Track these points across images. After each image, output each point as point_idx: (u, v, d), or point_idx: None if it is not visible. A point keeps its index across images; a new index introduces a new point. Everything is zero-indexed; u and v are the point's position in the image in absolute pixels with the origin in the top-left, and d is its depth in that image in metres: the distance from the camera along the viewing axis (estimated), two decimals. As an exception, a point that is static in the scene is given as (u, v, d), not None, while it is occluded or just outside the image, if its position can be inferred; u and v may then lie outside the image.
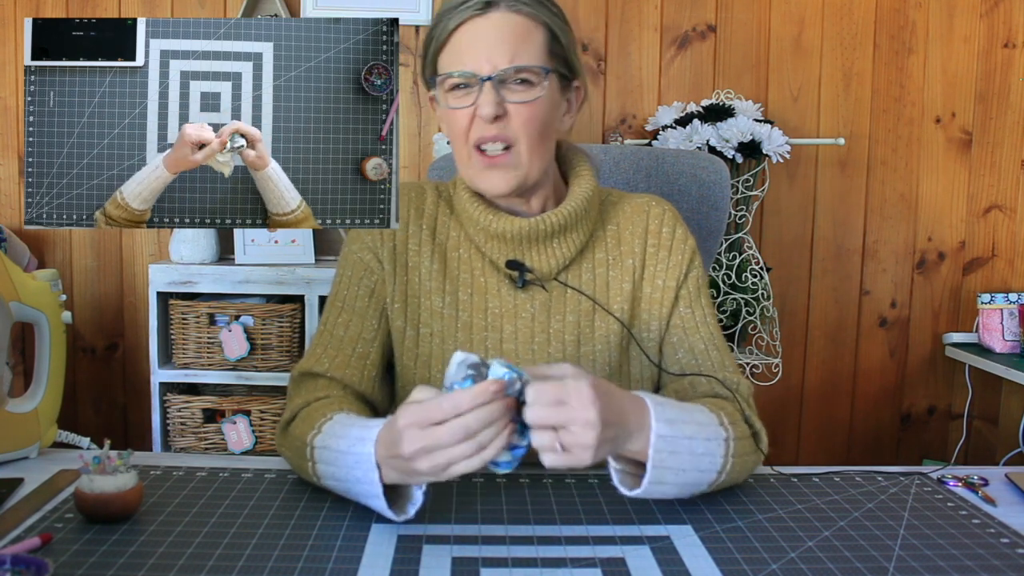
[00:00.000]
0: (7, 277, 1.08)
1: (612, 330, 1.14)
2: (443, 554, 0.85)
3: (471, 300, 1.14)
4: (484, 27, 1.05)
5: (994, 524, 0.95)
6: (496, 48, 1.05)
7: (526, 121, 1.07)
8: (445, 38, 1.07)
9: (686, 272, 1.17)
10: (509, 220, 1.11)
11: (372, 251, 1.15)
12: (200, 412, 2.29)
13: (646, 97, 2.56)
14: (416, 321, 1.14)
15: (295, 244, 2.36)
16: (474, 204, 1.13)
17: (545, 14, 1.08)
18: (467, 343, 1.13)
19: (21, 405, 1.11)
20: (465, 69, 1.05)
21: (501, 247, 1.13)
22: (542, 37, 1.08)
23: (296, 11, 2.47)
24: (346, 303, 1.14)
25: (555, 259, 1.13)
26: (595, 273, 1.16)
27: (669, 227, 1.18)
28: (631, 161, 1.49)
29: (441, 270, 1.15)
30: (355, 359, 1.11)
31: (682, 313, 1.16)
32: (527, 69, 1.06)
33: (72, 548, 0.83)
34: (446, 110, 1.09)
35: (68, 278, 2.57)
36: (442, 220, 1.18)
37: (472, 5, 1.05)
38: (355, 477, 0.91)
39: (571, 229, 1.13)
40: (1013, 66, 2.58)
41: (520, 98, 1.06)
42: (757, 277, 2.32)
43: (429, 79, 1.12)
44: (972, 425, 2.68)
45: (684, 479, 0.94)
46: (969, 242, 2.64)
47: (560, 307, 1.14)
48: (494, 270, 1.15)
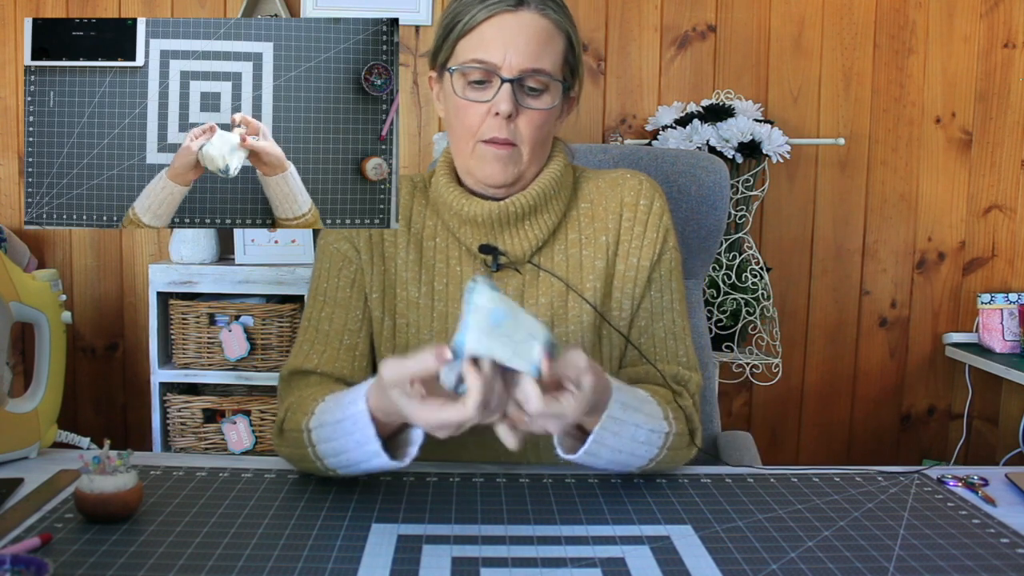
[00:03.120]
0: (7, 277, 1.08)
1: (586, 310, 1.15)
2: (443, 554, 0.85)
3: (446, 289, 1.15)
4: (512, 24, 1.06)
5: (994, 524, 0.95)
6: (521, 47, 1.06)
7: (534, 127, 1.10)
8: (471, 27, 1.08)
9: (659, 252, 1.17)
10: (480, 203, 1.12)
11: (349, 240, 1.16)
12: (200, 412, 2.29)
13: (646, 97, 2.56)
14: (393, 311, 1.15)
15: (295, 244, 2.36)
16: (450, 190, 1.14)
17: (567, 23, 1.10)
18: (442, 332, 1.14)
19: (21, 405, 1.11)
20: (488, 60, 1.07)
21: (474, 232, 1.14)
22: (562, 45, 1.10)
23: (296, 11, 2.47)
24: (328, 295, 1.15)
25: (527, 241, 1.14)
26: (568, 254, 1.17)
27: (647, 199, 1.18)
28: (631, 161, 1.49)
29: (417, 260, 1.16)
30: (343, 351, 1.12)
31: (652, 297, 1.17)
32: (545, 74, 1.08)
33: (72, 548, 0.83)
34: (458, 99, 1.10)
35: (68, 278, 2.57)
36: (417, 211, 1.19)
37: (504, 0, 1.06)
38: (355, 441, 0.93)
39: (542, 210, 1.14)
40: (1013, 66, 2.58)
41: (534, 104, 1.09)
42: (757, 277, 2.32)
43: (441, 62, 1.13)
44: (972, 425, 2.68)
45: (617, 458, 0.98)
46: (969, 242, 2.64)
47: (534, 290, 1.15)
48: (470, 258, 1.16)
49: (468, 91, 1.09)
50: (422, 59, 2.53)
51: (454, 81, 1.10)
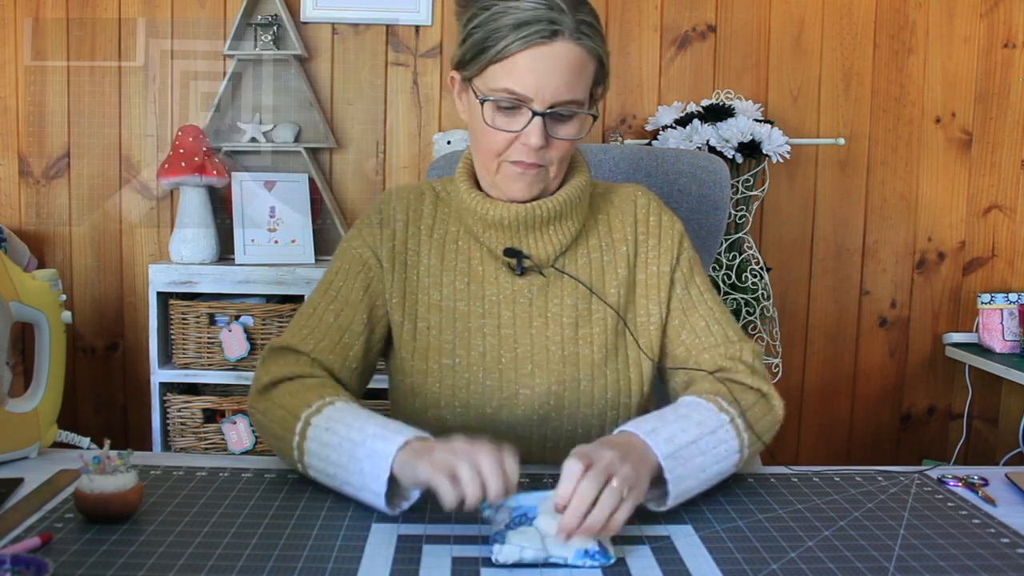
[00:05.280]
0: (7, 277, 1.08)
1: (609, 314, 1.16)
2: (443, 554, 0.85)
3: (468, 289, 1.15)
4: (547, 56, 1.04)
5: (994, 524, 0.95)
6: (556, 80, 1.05)
7: (562, 151, 1.10)
8: (504, 57, 1.05)
9: (677, 255, 1.19)
10: (505, 207, 1.13)
11: (372, 249, 1.17)
12: (200, 412, 2.29)
13: (646, 97, 2.56)
14: (414, 315, 1.15)
15: (295, 244, 2.36)
16: (472, 195, 1.14)
17: (599, 43, 1.08)
18: (464, 332, 1.14)
19: (21, 405, 1.11)
20: (520, 92, 1.05)
21: (498, 235, 1.14)
22: (592, 69, 1.09)
23: (296, 12, 2.47)
24: (340, 293, 1.15)
25: (551, 245, 1.15)
26: (590, 258, 1.18)
27: (655, 216, 1.21)
28: (631, 161, 1.49)
29: (439, 264, 1.17)
30: (339, 348, 1.12)
31: (679, 295, 1.18)
32: (576, 103, 1.07)
33: (72, 548, 0.83)
34: (487, 127, 1.08)
35: (68, 278, 2.57)
36: (440, 218, 1.19)
37: (539, 32, 1.03)
38: (360, 471, 0.92)
39: (566, 216, 1.15)
40: (1013, 66, 2.58)
41: (563, 133, 1.08)
42: (757, 277, 2.32)
43: (468, 76, 1.10)
44: (972, 425, 2.68)
45: (709, 474, 0.98)
46: (969, 242, 2.64)
47: (558, 291, 1.16)
48: (492, 258, 1.16)
49: (498, 118, 1.08)
50: (422, 59, 2.53)
51: (484, 108, 1.08)
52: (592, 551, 0.83)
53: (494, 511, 0.86)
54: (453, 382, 1.13)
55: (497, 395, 1.13)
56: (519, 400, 1.13)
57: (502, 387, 1.13)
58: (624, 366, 1.16)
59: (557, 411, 1.14)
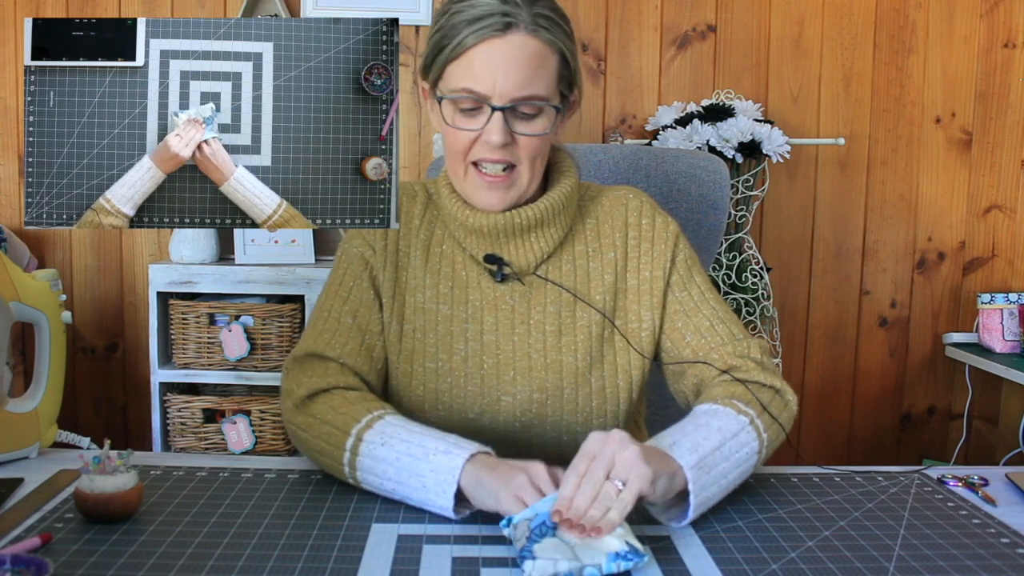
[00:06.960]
0: (7, 277, 1.08)
1: (594, 320, 1.14)
2: (443, 554, 0.85)
3: (452, 293, 1.15)
4: (501, 50, 1.03)
5: (994, 524, 0.95)
6: (511, 74, 1.03)
7: (531, 150, 1.08)
8: (460, 52, 1.04)
9: (672, 258, 1.17)
10: (485, 215, 1.12)
11: (372, 247, 1.16)
12: (200, 412, 2.29)
13: (646, 97, 2.56)
14: (401, 317, 1.15)
15: (295, 244, 2.36)
16: (453, 200, 1.14)
17: (560, 37, 1.06)
18: (447, 336, 1.13)
19: (21, 405, 1.11)
20: (477, 90, 1.04)
21: (480, 241, 1.14)
22: (555, 64, 1.06)
23: (296, 11, 2.47)
24: (352, 293, 1.14)
25: (533, 253, 1.14)
26: (575, 265, 1.16)
27: (648, 218, 1.18)
28: (631, 161, 1.49)
29: (423, 266, 1.16)
30: (364, 349, 1.11)
31: (679, 297, 1.16)
32: (538, 99, 1.05)
33: (72, 548, 0.83)
34: (448, 127, 1.08)
35: (68, 278, 2.57)
36: (429, 220, 1.19)
37: (492, 25, 1.02)
38: (422, 484, 0.93)
39: (548, 224, 1.13)
40: (1013, 66, 2.58)
41: (528, 130, 1.06)
42: (757, 277, 2.32)
43: (431, 81, 1.11)
44: (972, 425, 2.68)
45: (731, 477, 0.97)
46: (969, 242, 2.64)
47: (540, 298, 1.15)
48: (475, 263, 1.16)
49: (458, 118, 1.07)
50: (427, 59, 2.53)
51: (443, 108, 1.08)
52: (623, 552, 0.82)
53: (513, 529, 0.85)
54: (436, 386, 1.12)
55: (479, 400, 1.12)
56: (501, 406, 1.12)
57: (484, 393, 1.12)
58: (612, 373, 1.14)
59: (540, 418, 1.13)
